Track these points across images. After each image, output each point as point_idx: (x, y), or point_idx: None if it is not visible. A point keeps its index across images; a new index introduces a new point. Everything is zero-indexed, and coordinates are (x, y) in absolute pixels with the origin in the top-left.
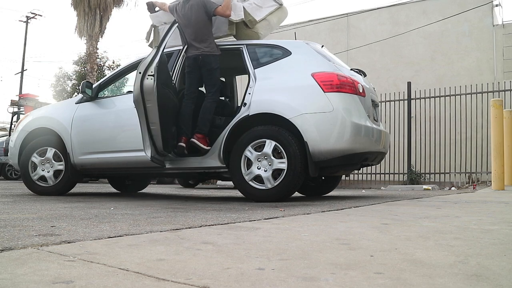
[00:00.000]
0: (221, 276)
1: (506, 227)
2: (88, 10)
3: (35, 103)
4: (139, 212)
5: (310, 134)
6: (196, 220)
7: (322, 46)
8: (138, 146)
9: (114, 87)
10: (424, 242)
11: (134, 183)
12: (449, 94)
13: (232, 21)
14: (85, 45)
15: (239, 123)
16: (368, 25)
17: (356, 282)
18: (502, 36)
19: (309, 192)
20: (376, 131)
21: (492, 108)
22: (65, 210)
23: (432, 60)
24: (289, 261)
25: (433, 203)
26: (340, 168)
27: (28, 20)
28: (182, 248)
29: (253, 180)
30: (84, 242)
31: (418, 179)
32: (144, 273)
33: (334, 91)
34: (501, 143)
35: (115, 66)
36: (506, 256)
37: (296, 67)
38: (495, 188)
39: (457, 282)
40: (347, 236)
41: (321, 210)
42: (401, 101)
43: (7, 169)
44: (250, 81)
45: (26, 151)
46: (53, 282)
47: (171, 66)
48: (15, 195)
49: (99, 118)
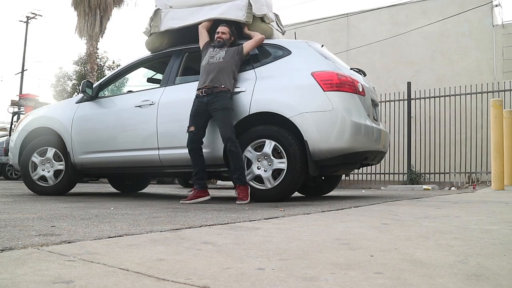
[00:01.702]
0: (221, 276)
1: (506, 227)
2: (88, 10)
3: (35, 103)
4: (139, 212)
5: (310, 133)
6: (196, 220)
7: (322, 45)
8: (138, 146)
9: (114, 87)
10: (424, 242)
11: (134, 183)
12: (449, 94)
13: (255, 15)
14: (85, 45)
15: (239, 122)
16: (368, 25)
17: (356, 282)
18: (502, 36)
19: (309, 192)
20: (376, 130)
21: (492, 108)
22: (65, 210)
23: (432, 60)
24: (289, 261)
25: (433, 203)
26: (340, 167)
27: (28, 20)
28: (182, 248)
29: (253, 180)
30: (84, 242)
31: (418, 179)
32: (144, 273)
33: (334, 90)
34: (501, 143)
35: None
36: (506, 256)
37: (296, 66)
38: (495, 188)
39: (457, 282)
40: (347, 236)
41: (321, 210)
42: (401, 101)
43: (7, 169)
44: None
45: (27, 151)
46: (53, 282)
47: (171, 66)
48: (15, 195)
49: (100, 118)
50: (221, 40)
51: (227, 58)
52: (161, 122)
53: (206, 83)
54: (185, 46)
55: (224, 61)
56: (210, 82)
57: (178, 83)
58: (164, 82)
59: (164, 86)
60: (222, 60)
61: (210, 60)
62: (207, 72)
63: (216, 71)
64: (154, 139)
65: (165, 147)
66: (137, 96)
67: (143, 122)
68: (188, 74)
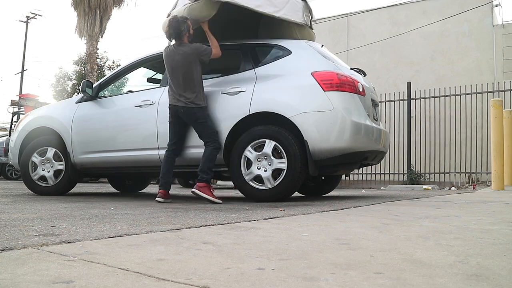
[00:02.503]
0: (221, 276)
1: (506, 227)
2: (88, 10)
3: (35, 103)
4: (139, 212)
5: (310, 133)
6: (196, 220)
7: (322, 45)
8: (138, 146)
9: (114, 87)
10: (424, 242)
11: (134, 183)
12: (449, 94)
13: (311, 20)
14: (85, 45)
15: (239, 122)
16: (368, 25)
17: (356, 282)
18: (502, 36)
19: (309, 192)
20: (376, 130)
21: (492, 108)
22: (65, 210)
23: (432, 60)
24: (289, 261)
25: (433, 203)
26: (340, 167)
27: (28, 20)
28: (182, 248)
29: (253, 180)
30: (84, 242)
31: (418, 179)
32: (144, 273)
33: (334, 90)
34: (501, 143)
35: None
36: (506, 256)
37: (296, 66)
38: (495, 188)
39: (457, 282)
40: (347, 236)
41: (321, 210)
42: (401, 101)
43: (7, 169)
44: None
45: (27, 151)
46: (53, 282)
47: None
48: (15, 195)
49: (100, 118)
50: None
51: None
52: (161, 122)
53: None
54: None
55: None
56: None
57: None
58: (164, 82)
59: (164, 86)
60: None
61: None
62: None
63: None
64: (154, 139)
65: (165, 147)
66: (137, 96)
67: (143, 122)
68: None
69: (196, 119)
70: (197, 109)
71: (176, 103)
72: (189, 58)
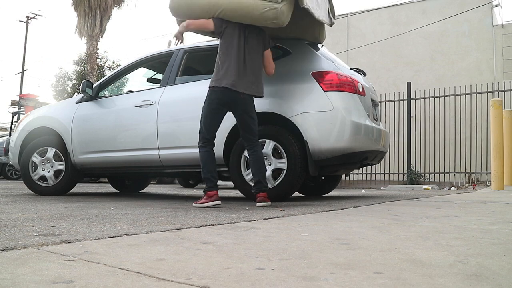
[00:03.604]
0: (221, 276)
1: (506, 227)
2: (89, 10)
3: (36, 103)
4: (139, 212)
5: (310, 133)
6: (196, 220)
7: (322, 45)
8: (138, 146)
9: (114, 87)
10: (424, 242)
11: (134, 183)
12: (449, 94)
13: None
14: (86, 45)
15: None
16: (368, 25)
17: (356, 282)
18: (502, 36)
19: (309, 192)
20: (376, 130)
21: (491, 108)
22: (66, 210)
23: (432, 60)
24: (289, 261)
25: (433, 203)
26: (340, 167)
27: (28, 20)
28: (182, 248)
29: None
30: (84, 242)
31: (418, 179)
32: (144, 273)
33: (334, 90)
34: (501, 143)
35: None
36: (506, 256)
37: (296, 66)
38: (495, 188)
39: (457, 282)
40: (347, 236)
41: (321, 210)
42: (401, 101)
43: (7, 169)
44: None
45: (27, 151)
46: (54, 282)
47: (171, 66)
48: (16, 195)
49: (100, 118)
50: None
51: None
52: (161, 122)
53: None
54: (186, 47)
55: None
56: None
57: (178, 83)
58: (164, 82)
59: (164, 86)
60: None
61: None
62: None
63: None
64: (154, 139)
65: (165, 147)
66: (137, 96)
67: (143, 122)
68: (188, 74)
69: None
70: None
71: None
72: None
